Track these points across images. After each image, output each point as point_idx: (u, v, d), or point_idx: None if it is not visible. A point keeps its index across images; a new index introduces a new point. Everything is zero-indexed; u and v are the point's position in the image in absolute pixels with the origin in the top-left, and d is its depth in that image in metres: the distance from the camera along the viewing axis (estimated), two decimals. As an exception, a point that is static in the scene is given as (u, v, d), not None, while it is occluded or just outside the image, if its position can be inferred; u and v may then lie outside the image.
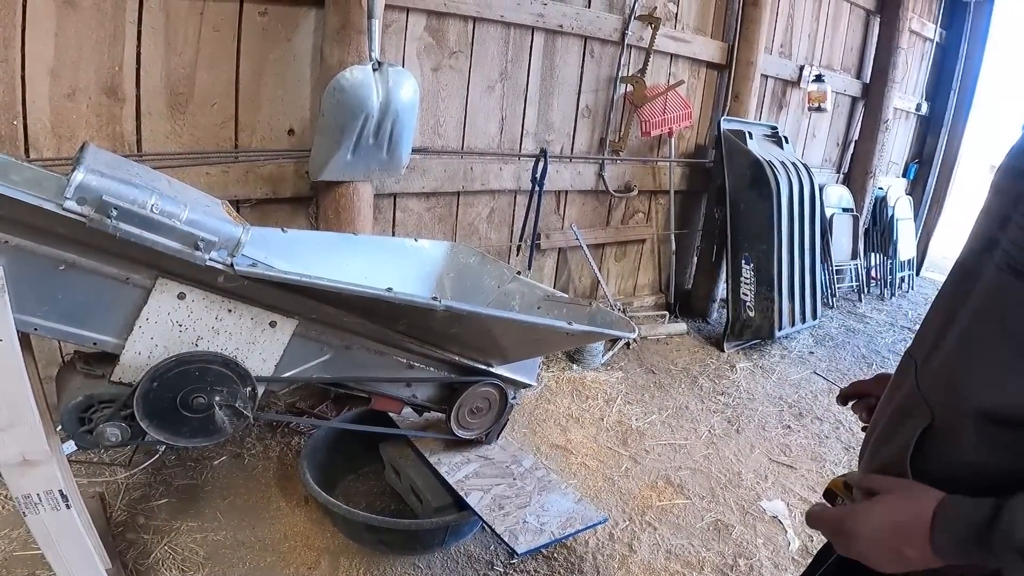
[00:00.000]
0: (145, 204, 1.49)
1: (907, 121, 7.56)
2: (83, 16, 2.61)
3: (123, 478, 2.70)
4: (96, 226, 1.45)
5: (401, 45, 3.45)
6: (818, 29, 5.96)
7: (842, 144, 6.75)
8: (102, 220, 1.45)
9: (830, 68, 6.15)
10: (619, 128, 4.58)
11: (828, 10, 6.00)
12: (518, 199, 4.20)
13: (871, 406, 1.32)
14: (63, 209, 1.43)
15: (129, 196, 1.48)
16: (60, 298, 1.58)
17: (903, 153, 7.72)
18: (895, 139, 7.30)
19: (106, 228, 1.45)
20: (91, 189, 1.44)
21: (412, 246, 2.68)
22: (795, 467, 3.39)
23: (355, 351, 2.04)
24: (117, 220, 1.46)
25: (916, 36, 6.99)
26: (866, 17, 6.45)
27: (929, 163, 7.77)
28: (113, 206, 1.45)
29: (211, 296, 1.72)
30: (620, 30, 4.34)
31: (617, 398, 3.89)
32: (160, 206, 1.51)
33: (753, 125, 5.12)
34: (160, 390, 1.73)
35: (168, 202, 1.53)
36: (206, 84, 2.94)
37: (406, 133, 3.11)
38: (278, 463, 2.93)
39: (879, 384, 1.32)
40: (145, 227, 1.50)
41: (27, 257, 1.50)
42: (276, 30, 3.05)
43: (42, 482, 1.60)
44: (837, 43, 6.25)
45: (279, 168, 3.12)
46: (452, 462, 2.53)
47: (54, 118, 2.64)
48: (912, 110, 7.45)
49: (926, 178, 7.78)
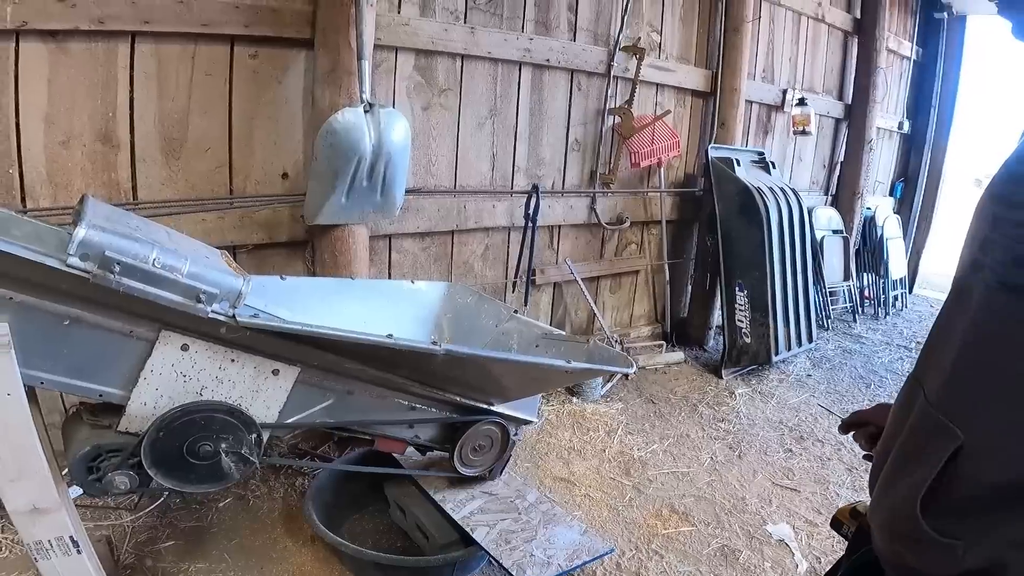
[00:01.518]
0: (147, 258, 1.51)
1: (890, 140, 7.63)
2: (75, 61, 2.62)
3: (129, 521, 2.68)
4: (99, 282, 1.47)
5: (391, 84, 3.48)
6: (798, 53, 6.04)
7: (828, 166, 6.81)
8: (105, 276, 1.47)
9: (812, 91, 6.22)
10: (609, 160, 4.62)
11: (807, 33, 6.08)
12: (512, 235, 4.21)
13: (872, 434, 1.33)
14: (67, 265, 1.44)
15: (131, 251, 1.49)
16: (65, 352, 1.60)
17: (889, 172, 7.79)
18: (880, 158, 7.37)
19: (109, 284, 1.47)
20: (93, 245, 1.46)
21: (409, 288, 2.70)
22: (799, 490, 3.38)
23: (357, 396, 2.05)
24: (120, 275, 1.48)
25: (894, 55, 7.09)
26: (844, 38, 6.56)
27: (915, 181, 7.84)
28: (116, 261, 1.47)
29: (214, 347, 1.74)
30: (606, 62, 4.40)
31: (618, 429, 3.89)
32: (162, 260, 1.52)
33: (740, 152, 5.17)
34: (167, 439, 1.74)
35: (169, 255, 1.54)
36: (199, 129, 2.95)
37: (399, 175, 3.13)
38: (283, 504, 2.92)
39: (879, 413, 1.33)
40: (148, 281, 1.51)
41: (32, 313, 1.52)
42: (267, 73, 3.07)
43: (53, 529, 1.61)
44: (818, 65, 6.33)
45: (274, 213, 3.13)
46: (457, 499, 2.53)
47: (50, 166, 2.64)
48: (895, 129, 7.52)
49: (913, 196, 7.85)
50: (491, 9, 3.80)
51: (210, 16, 2.82)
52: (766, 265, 4.76)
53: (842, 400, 4.59)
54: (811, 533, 3.00)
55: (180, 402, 1.75)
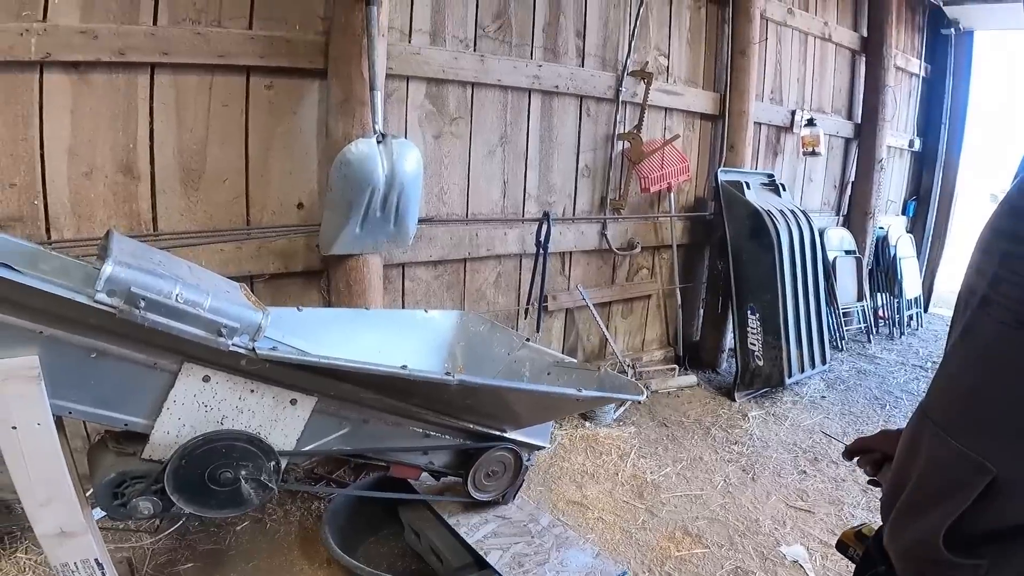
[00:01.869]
0: (170, 294, 1.56)
1: (901, 158, 7.60)
2: (97, 93, 2.68)
3: (149, 543, 2.73)
4: (126, 317, 1.52)
5: (403, 113, 3.53)
6: (806, 73, 6.06)
7: (839, 186, 6.80)
8: (131, 311, 1.52)
9: (821, 111, 6.23)
10: (619, 186, 4.65)
11: (814, 53, 6.10)
12: (524, 262, 4.24)
13: (876, 460, 1.35)
14: (94, 301, 1.50)
15: (155, 287, 1.55)
16: (92, 384, 1.65)
17: (900, 191, 7.75)
18: (891, 177, 7.33)
19: (135, 319, 1.52)
20: (120, 281, 1.52)
21: (423, 317, 2.75)
22: (813, 511, 3.39)
23: (373, 424, 2.09)
24: (145, 311, 1.53)
25: (902, 72, 7.08)
26: (851, 57, 6.56)
27: (927, 199, 7.80)
28: (141, 297, 1.52)
29: (234, 378, 1.79)
30: (614, 87, 4.44)
31: (631, 452, 3.91)
32: (184, 295, 1.58)
33: (750, 174, 5.20)
34: (189, 466, 1.79)
35: (191, 291, 1.60)
36: (217, 160, 3.00)
37: (412, 204, 3.18)
38: (299, 527, 2.95)
39: (882, 440, 1.36)
40: (171, 316, 1.57)
41: (60, 346, 1.57)
42: (282, 103, 3.13)
43: (79, 551, 1.67)
44: (826, 85, 6.34)
45: (290, 243, 3.18)
46: (471, 522, 2.56)
47: (73, 197, 2.70)
48: (905, 147, 7.49)
49: (926, 214, 7.81)
50: (500, 36, 3.86)
51: (226, 47, 2.88)
52: (777, 288, 4.77)
53: (857, 421, 4.58)
54: (825, 554, 3.00)
55: (202, 431, 1.80)
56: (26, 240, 1.88)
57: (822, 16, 6.05)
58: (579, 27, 4.25)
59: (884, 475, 1.33)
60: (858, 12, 6.50)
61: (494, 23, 3.82)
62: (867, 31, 6.51)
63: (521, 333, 2.95)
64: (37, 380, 1.51)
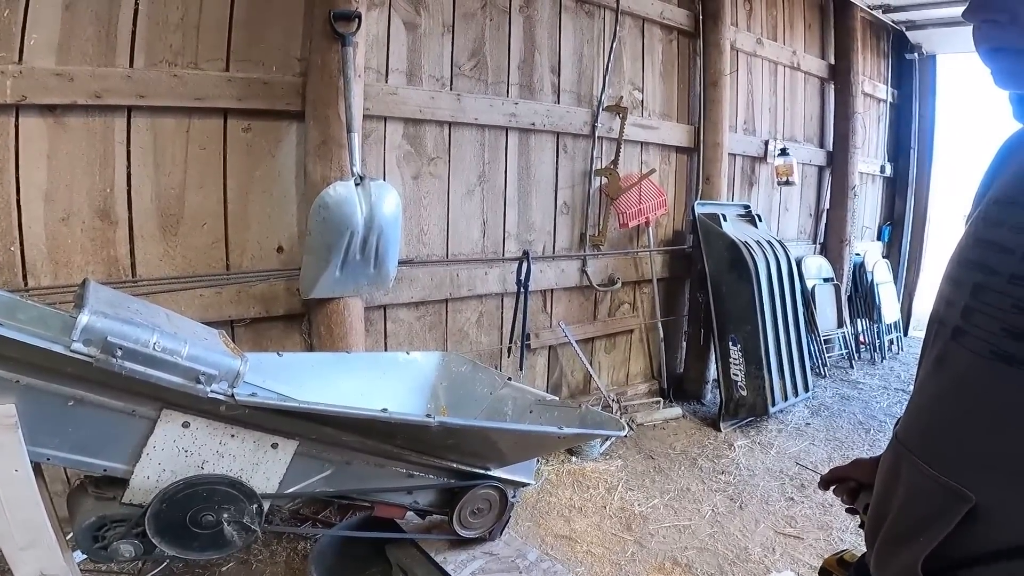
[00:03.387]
0: (148, 343, 1.56)
1: (874, 184, 7.70)
2: (74, 137, 2.67)
3: (132, 587, 2.69)
4: (103, 365, 1.52)
5: (381, 154, 3.54)
6: (777, 102, 6.15)
7: (815, 214, 6.87)
8: (108, 360, 1.52)
9: (793, 140, 6.31)
10: (598, 222, 4.68)
11: (784, 82, 6.21)
12: (505, 301, 4.24)
13: (852, 489, 1.37)
14: (71, 351, 1.49)
15: (132, 336, 1.55)
16: (70, 431, 1.64)
17: (875, 216, 7.85)
18: (865, 203, 7.43)
19: (112, 367, 1.52)
20: (96, 331, 1.51)
21: (405, 359, 2.75)
22: (802, 537, 3.39)
23: (356, 465, 2.08)
24: (122, 359, 1.53)
25: (870, 98, 7.22)
26: (821, 85, 6.67)
27: (901, 224, 7.91)
28: (118, 346, 1.52)
29: (214, 423, 1.78)
30: (590, 123, 4.49)
31: (618, 485, 3.90)
32: (162, 343, 1.58)
33: (726, 206, 5.26)
34: (170, 510, 1.78)
35: (169, 339, 1.60)
36: (195, 204, 2.99)
37: (391, 247, 3.19)
38: (285, 567, 2.92)
39: (856, 468, 1.37)
40: (149, 364, 1.56)
41: (37, 394, 1.56)
42: (260, 146, 3.13)
43: (60, 595, 1.64)
44: (797, 114, 6.43)
45: (270, 287, 3.17)
46: (458, 560, 2.54)
47: (50, 243, 2.67)
48: (877, 172, 7.60)
49: (900, 239, 7.91)
50: (476, 75, 3.90)
51: (204, 90, 2.89)
52: (757, 319, 4.81)
53: (842, 447, 4.60)
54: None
55: (182, 475, 1.78)
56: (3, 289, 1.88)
57: (791, 45, 6.17)
58: (554, 63, 4.31)
59: (861, 502, 1.34)
60: (825, 40, 6.64)
61: (470, 61, 3.86)
62: (834, 59, 6.65)
63: (504, 372, 2.95)
64: (14, 428, 1.50)
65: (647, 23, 4.87)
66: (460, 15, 3.79)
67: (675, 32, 5.10)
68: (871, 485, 1.32)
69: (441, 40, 3.72)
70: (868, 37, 7.06)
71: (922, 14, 6.80)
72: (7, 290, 1.91)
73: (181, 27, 2.85)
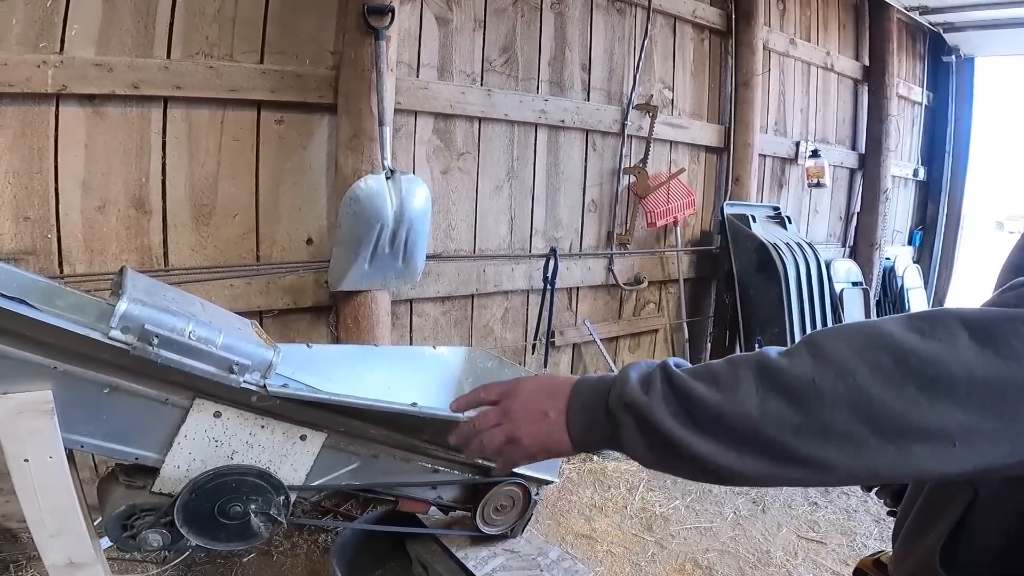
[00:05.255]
0: (184, 331, 1.57)
1: (906, 188, 7.60)
2: (111, 126, 2.70)
3: (156, 574, 2.72)
4: (139, 353, 1.53)
5: (411, 148, 3.56)
6: (809, 103, 6.09)
7: (845, 218, 6.80)
8: (145, 348, 1.53)
9: (825, 142, 6.25)
10: (625, 220, 4.67)
11: (817, 83, 6.14)
12: (531, 298, 4.24)
13: (896, 491, 1.36)
14: (109, 338, 1.51)
15: (169, 324, 1.56)
16: (104, 418, 1.65)
17: (906, 220, 7.74)
18: (896, 207, 7.35)
19: (148, 355, 1.54)
20: (134, 318, 1.53)
21: (431, 354, 2.75)
22: (825, 542, 3.37)
23: (382, 459, 2.09)
24: (158, 348, 1.54)
25: (904, 101, 7.11)
26: (854, 87, 6.60)
27: (933, 228, 7.81)
28: (154, 334, 1.53)
29: (245, 414, 1.79)
30: (620, 121, 4.48)
31: (639, 485, 3.89)
32: (197, 333, 1.59)
33: (756, 207, 5.22)
34: (199, 500, 1.79)
35: (204, 328, 1.61)
36: (228, 195, 3.02)
37: (420, 241, 3.20)
38: (306, 559, 2.95)
39: None
40: (184, 353, 1.58)
41: (74, 381, 1.58)
42: (292, 138, 3.15)
43: (87, 582, 1.66)
44: (829, 116, 6.37)
45: (299, 279, 3.19)
46: (479, 556, 2.54)
47: (86, 231, 2.71)
48: (910, 176, 7.49)
49: (932, 244, 7.80)
50: (507, 71, 3.90)
51: (238, 81, 2.92)
52: (785, 321, 4.77)
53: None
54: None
55: (212, 465, 1.80)
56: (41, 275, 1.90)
57: (824, 46, 6.10)
58: (584, 61, 4.30)
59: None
60: (859, 41, 6.56)
61: (501, 57, 3.87)
62: (869, 60, 6.56)
63: (529, 368, 2.95)
64: (50, 415, 1.52)
65: (679, 21, 4.85)
66: (492, 11, 3.79)
67: (707, 31, 5.07)
68: None
69: (472, 35, 3.73)
70: (904, 38, 6.96)
71: (962, 16, 6.69)
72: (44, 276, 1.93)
73: (217, 19, 2.88)
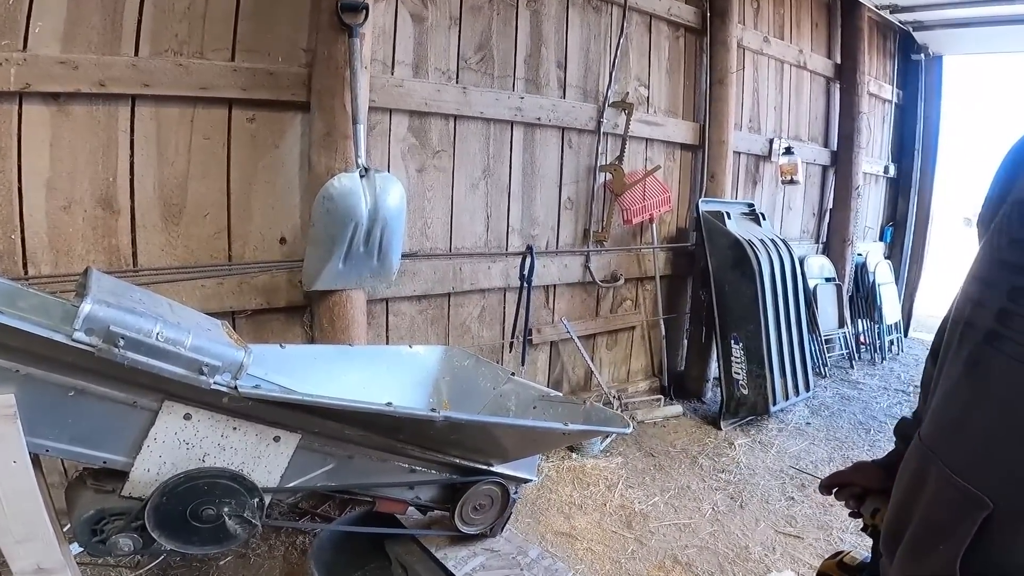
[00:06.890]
0: (151, 333, 1.54)
1: (877, 184, 7.69)
2: (77, 125, 2.64)
3: (129, 579, 2.67)
4: (104, 355, 1.49)
5: (386, 147, 3.53)
6: (783, 101, 6.14)
7: (818, 214, 6.86)
8: (110, 350, 1.49)
9: (798, 139, 6.30)
10: (602, 218, 4.67)
11: (790, 81, 6.19)
12: (508, 296, 4.22)
13: (856, 494, 1.35)
14: (72, 340, 1.47)
15: (135, 325, 1.52)
16: (70, 422, 1.62)
17: (877, 217, 7.84)
18: (868, 203, 7.45)
19: (114, 357, 1.50)
20: (98, 320, 1.49)
21: (407, 353, 2.72)
22: (802, 537, 3.38)
23: (358, 460, 2.06)
24: (124, 349, 1.50)
25: (875, 99, 7.20)
26: (826, 84, 6.66)
27: (903, 224, 7.90)
28: (120, 336, 1.50)
29: (216, 416, 1.76)
30: (595, 118, 4.48)
31: (618, 483, 3.88)
32: (165, 334, 1.55)
33: (730, 204, 5.24)
34: (170, 504, 1.76)
35: (172, 329, 1.58)
36: (198, 194, 2.97)
37: (395, 239, 3.17)
38: (283, 562, 2.91)
39: (859, 473, 1.35)
40: (152, 355, 1.54)
41: (37, 384, 1.54)
42: (264, 137, 3.11)
43: (57, 588, 1.62)
44: (802, 113, 6.42)
45: (272, 278, 3.15)
46: (458, 556, 2.52)
47: (51, 232, 2.65)
48: (881, 173, 7.59)
49: (902, 240, 7.90)
50: (482, 68, 3.88)
51: (208, 79, 2.87)
52: (760, 318, 4.79)
53: (842, 447, 4.59)
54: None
55: (183, 468, 1.76)
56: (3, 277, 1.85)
57: (797, 44, 6.15)
58: (560, 58, 4.29)
59: (867, 508, 1.32)
60: (831, 39, 6.62)
61: (476, 55, 3.84)
62: (840, 58, 6.63)
63: (506, 367, 2.93)
64: (13, 419, 1.47)
65: (654, 19, 4.85)
66: (467, 8, 3.77)
67: (682, 29, 5.08)
68: (878, 490, 1.31)
69: (448, 33, 3.71)
70: (875, 37, 7.04)
71: (930, 15, 6.78)
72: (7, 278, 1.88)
73: (187, 16, 2.83)
